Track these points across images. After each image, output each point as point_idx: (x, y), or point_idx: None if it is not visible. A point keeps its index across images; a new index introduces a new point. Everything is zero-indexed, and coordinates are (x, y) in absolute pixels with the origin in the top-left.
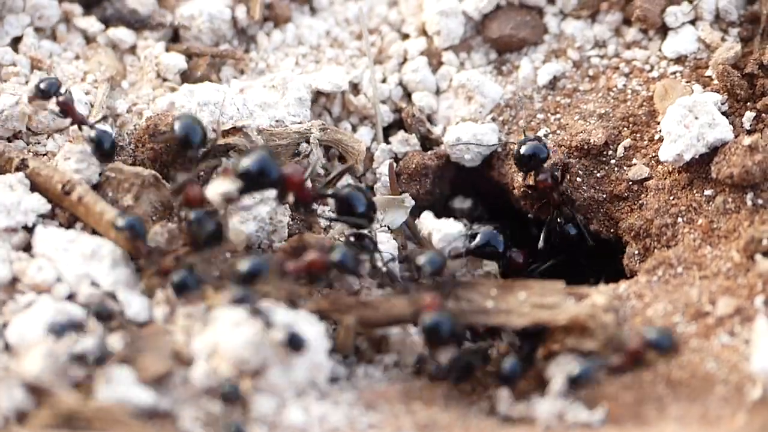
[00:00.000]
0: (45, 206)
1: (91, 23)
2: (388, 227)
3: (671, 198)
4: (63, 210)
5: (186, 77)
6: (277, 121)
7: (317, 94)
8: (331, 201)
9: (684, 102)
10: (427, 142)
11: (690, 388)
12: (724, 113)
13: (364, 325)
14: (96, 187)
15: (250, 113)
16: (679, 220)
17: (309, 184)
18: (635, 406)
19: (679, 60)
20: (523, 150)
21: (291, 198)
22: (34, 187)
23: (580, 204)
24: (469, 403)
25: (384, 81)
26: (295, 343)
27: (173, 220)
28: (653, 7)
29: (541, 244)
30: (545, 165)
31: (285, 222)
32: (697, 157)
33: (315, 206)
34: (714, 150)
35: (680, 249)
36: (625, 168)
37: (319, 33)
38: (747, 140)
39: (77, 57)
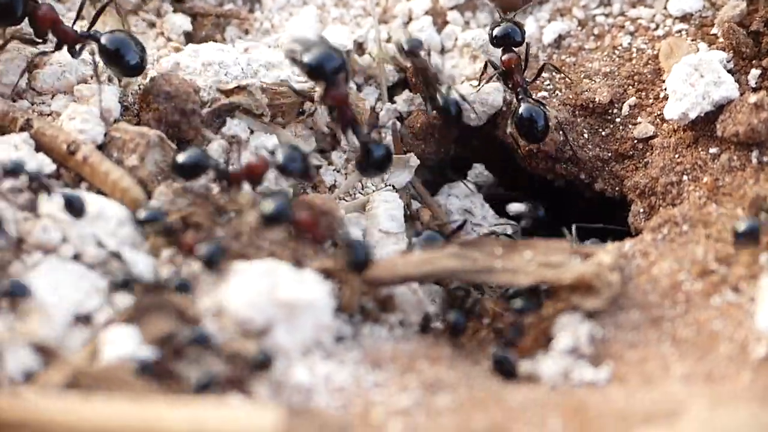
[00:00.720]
0: (50, 166)
1: None
2: (393, 186)
3: (676, 156)
4: (68, 170)
5: (190, 37)
6: (281, 80)
7: None
8: None
9: (689, 60)
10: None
11: (695, 346)
12: (729, 71)
13: (369, 284)
14: (101, 148)
15: (254, 73)
16: (684, 178)
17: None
18: (640, 365)
19: (685, 18)
20: (496, 31)
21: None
22: (39, 147)
23: (585, 162)
24: (474, 362)
25: (389, 40)
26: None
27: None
28: None
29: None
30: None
31: (290, 182)
32: (702, 115)
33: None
34: (719, 108)
35: (685, 207)
36: (630, 126)
37: None
38: (753, 98)
39: (82, 18)
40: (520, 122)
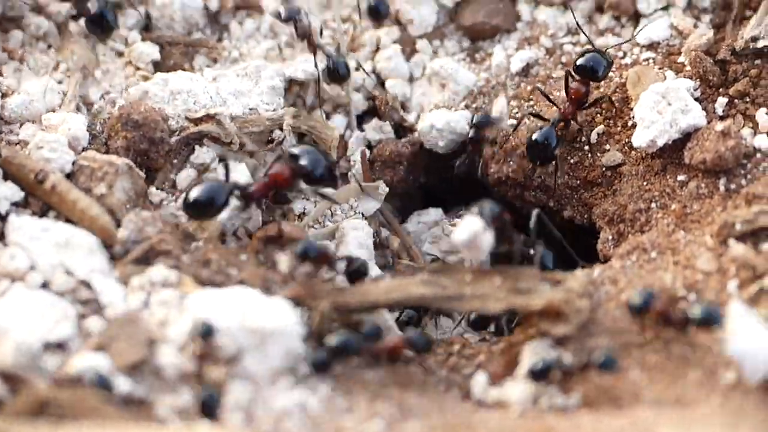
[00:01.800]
0: (18, 194)
1: (64, 12)
2: (362, 214)
3: (645, 183)
4: (36, 198)
5: (159, 66)
6: (250, 109)
7: (290, 83)
8: None
9: (657, 88)
10: (401, 129)
11: (664, 372)
12: (696, 99)
13: (338, 310)
14: (69, 176)
15: (223, 101)
16: (653, 205)
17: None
18: (610, 390)
19: (652, 46)
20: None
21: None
22: (7, 176)
23: (554, 190)
24: (444, 389)
25: (357, 69)
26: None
27: (146, 207)
28: None
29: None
30: None
31: (259, 210)
32: (670, 142)
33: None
34: (687, 136)
35: (654, 234)
36: (598, 154)
37: None
38: (720, 126)
39: (50, 46)
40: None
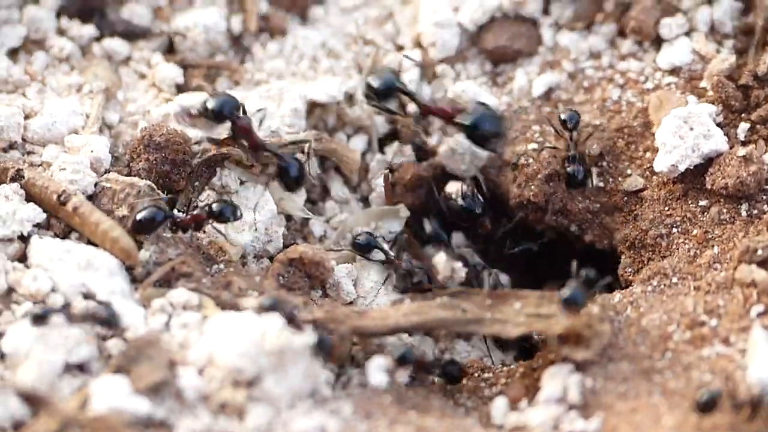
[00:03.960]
0: (40, 216)
1: (87, 34)
2: (384, 238)
3: (666, 209)
4: (58, 220)
5: (181, 88)
6: (272, 131)
7: (312, 105)
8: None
9: (679, 113)
10: (422, 152)
11: (685, 397)
12: (718, 124)
13: (358, 334)
14: (91, 198)
15: None
16: (674, 230)
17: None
18: (631, 415)
19: (674, 71)
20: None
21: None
22: (30, 197)
23: (575, 214)
24: (464, 413)
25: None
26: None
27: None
28: (648, 18)
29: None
30: None
31: (280, 232)
32: (692, 167)
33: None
34: (709, 161)
35: (675, 259)
36: (620, 179)
37: (315, 44)
38: (742, 151)
39: (72, 68)
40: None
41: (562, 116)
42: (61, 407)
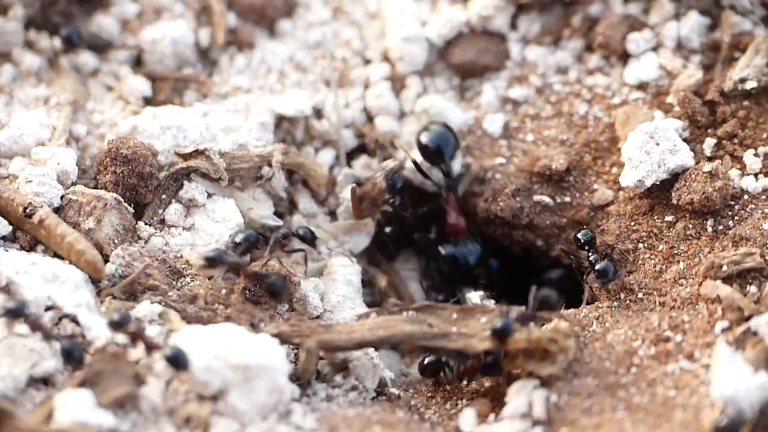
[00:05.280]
0: (6, 228)
1: (54, 47)
2: (351, 252)
3: (632, 224)
4: (24, 233)
5: (149, 101)
6: (240, 145)
7: (280, 119)
8: None
9: (645, 128)
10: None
11: (650, 413)
12: (685, 140)
13: (325, 349)
14: (58, 210)
15: (213, 137)
16: (640, 245)
17: None
18: (595, 431)
19: (641, 87)
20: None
21: None
22: None
23: (542, 229)
24: (429, 428)
25: (347, 106)
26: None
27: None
28: (615, 34)
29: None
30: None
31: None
32: (658, 183)
33: None
34: (675, 176)
35: (641, 274)
36: (586, 194)
37: (282, 58)
38: (707, 167)
39: (40, 80)
40: None
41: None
42: (25, 421)
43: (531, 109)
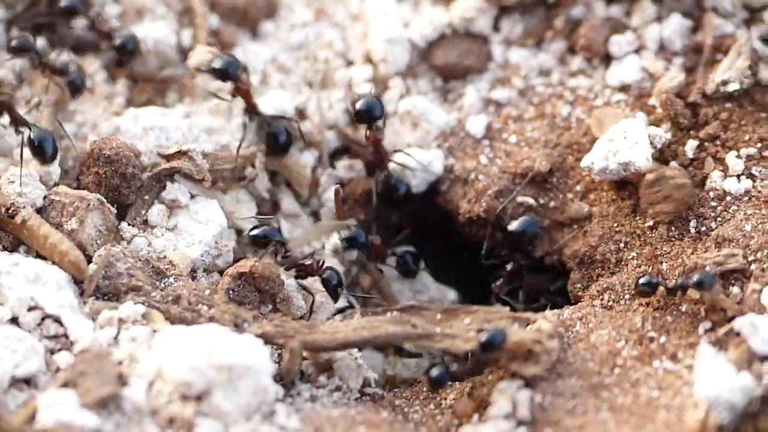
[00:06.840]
0: None
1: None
2: (334, 252)
3: (615, 225)
4: (6, 233)
5: (131, 102)
6: (222, 146)
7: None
8: None
9: (624, 123)
10: (373, 169)
11: (633, 413)
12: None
13: (309, 349)
14: (40, 211)
15: (195, 138)
16: (623, 246)
17: None
18: (579, 431)
19: (623, 89)
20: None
21: None
22: None
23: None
24: (414, 428)
25: (330, 107)
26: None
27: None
28: (597, 36)
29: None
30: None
31: (231, 246)
32: (612, 174)
33: None
34: (625, 169)
35: (624, 275)
36: (569, 195)
37: (265, 59)
38: (669, 172)
39: (22, 81)
40: None
41: None
42: (8, 421)
43: (514, 111)
